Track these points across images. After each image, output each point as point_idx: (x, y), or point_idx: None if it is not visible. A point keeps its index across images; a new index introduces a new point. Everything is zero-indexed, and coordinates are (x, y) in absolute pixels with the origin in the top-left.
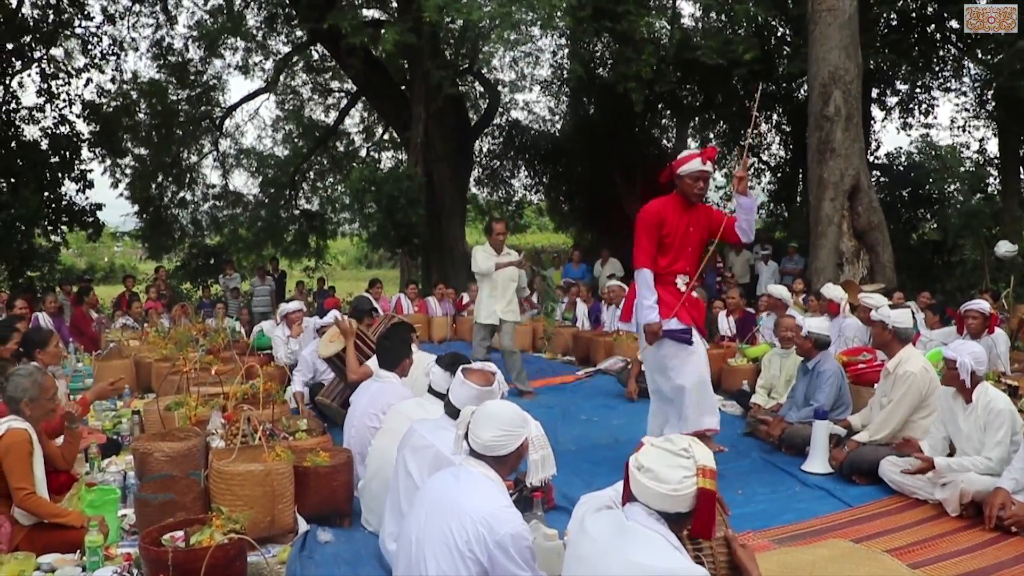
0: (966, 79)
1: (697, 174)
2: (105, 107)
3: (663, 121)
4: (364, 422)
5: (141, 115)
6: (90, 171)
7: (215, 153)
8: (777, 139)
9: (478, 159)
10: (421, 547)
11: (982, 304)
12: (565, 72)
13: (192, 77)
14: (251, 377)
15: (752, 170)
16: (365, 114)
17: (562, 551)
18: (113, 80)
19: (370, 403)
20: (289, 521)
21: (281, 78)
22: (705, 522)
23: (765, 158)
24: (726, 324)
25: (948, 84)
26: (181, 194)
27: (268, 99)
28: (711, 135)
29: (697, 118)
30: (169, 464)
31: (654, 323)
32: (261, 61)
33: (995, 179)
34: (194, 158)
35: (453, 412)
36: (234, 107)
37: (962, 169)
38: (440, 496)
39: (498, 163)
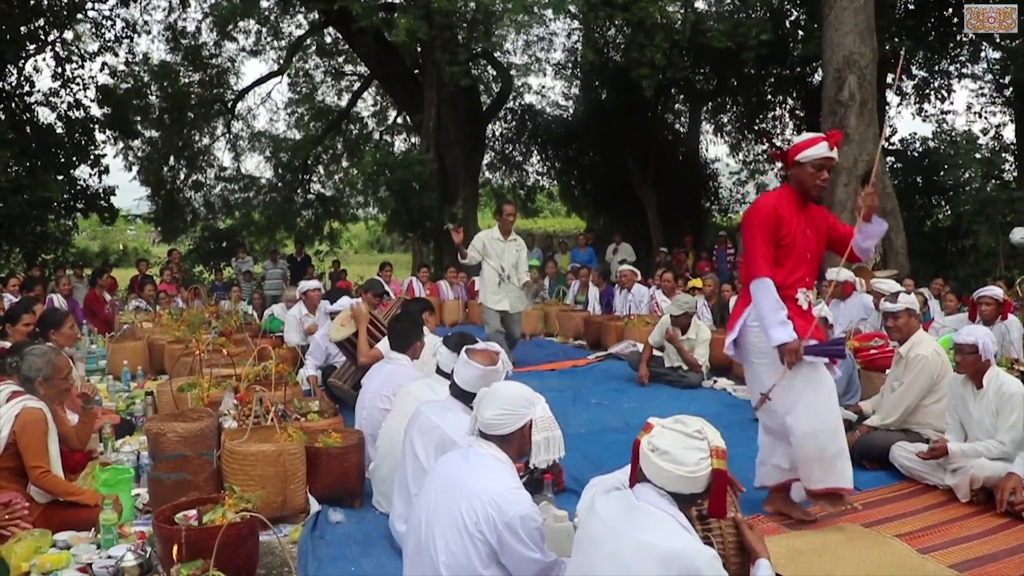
0: (983, 64)
1: (821, 161)
2: (117, 89)
3: (676, 106)
4: (376, 404)
5: (153, 98)
6: (104, 155)
7: (227, 136)
8: (791, 124)
9: (490, 143)
10: (431, 528)
11: (995, 291)
12: (578, 56)
13: (205, 60)
14: (263, 359)
15: (765, 155)
16: (378, 98)
17: (572, 532)
18: (127, 63)
19: (382, 385)
20: (301, 501)
21: (293, 61)
22: (718, 502)
23: (779, 143)
24: None
25: (965, 69)
26: (193, 177)
27: (280, 82)
28: (724, 120)
29: (710, 103)
30: (182, 444)
31: (792, 342)
32: (272, 40)
33: (1011, 165)
34: (206, 141)
35: (458, 393)
36: (246, 90)
37: (977, 155)
38: (450, 477)
39: (510, 147)
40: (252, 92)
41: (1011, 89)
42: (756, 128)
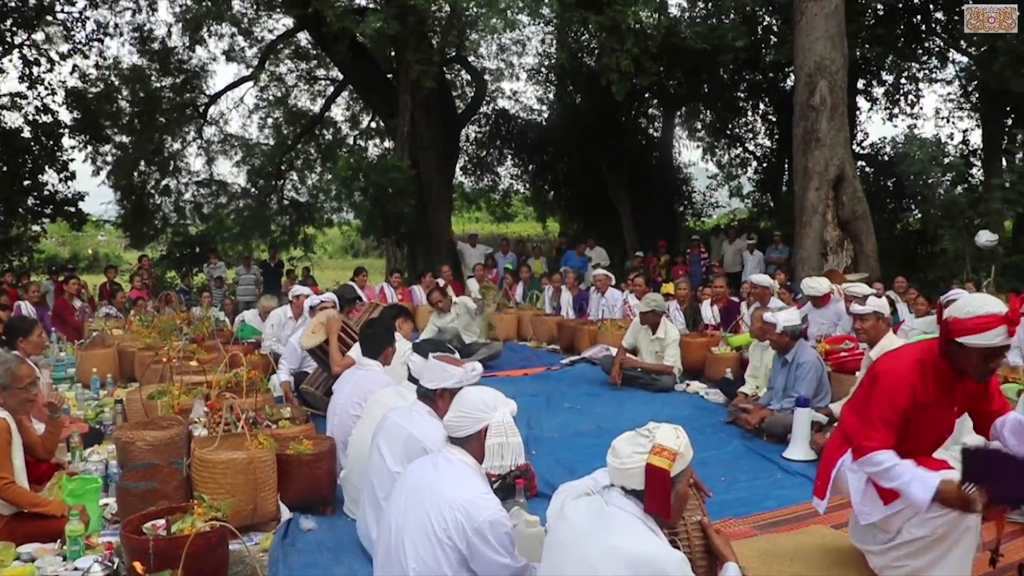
0: (951, 70)
1: (993, 351)
2: (87, 93)
3: (650, 111)
4: (347, 410)
5: (123, 102)
6: (72, 160)
7: (199, 141)
8: (763, 128)
9: (464, 148)
10: (400, 535)
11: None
12: (552, 60)
13: (175, 64)
14: (234, 366)
15: (738, 159)
16: (352, 102)
17: (544, 537)
18: (97, 66)
19: (353, 391)
20: (272, 509)
21: (266, 65)
22: (654, 499)
23: (751, 147)
24: (710, 313)
25: (933, 75)
26: (164, 182)
27: (254, 87)
28: (698, 125)
29: (684, 108)
30: (151, 452)
31: (948, 484)
32: (245, 46)
33: (978, 170)
34: (177, 145)
35: (425, 392)
36: (219, 95)
37: (946, 160)
38: (419, 483)
39: (484, 152)
40: (225, 96)
41: (977, 95)
42: (729, 133)
